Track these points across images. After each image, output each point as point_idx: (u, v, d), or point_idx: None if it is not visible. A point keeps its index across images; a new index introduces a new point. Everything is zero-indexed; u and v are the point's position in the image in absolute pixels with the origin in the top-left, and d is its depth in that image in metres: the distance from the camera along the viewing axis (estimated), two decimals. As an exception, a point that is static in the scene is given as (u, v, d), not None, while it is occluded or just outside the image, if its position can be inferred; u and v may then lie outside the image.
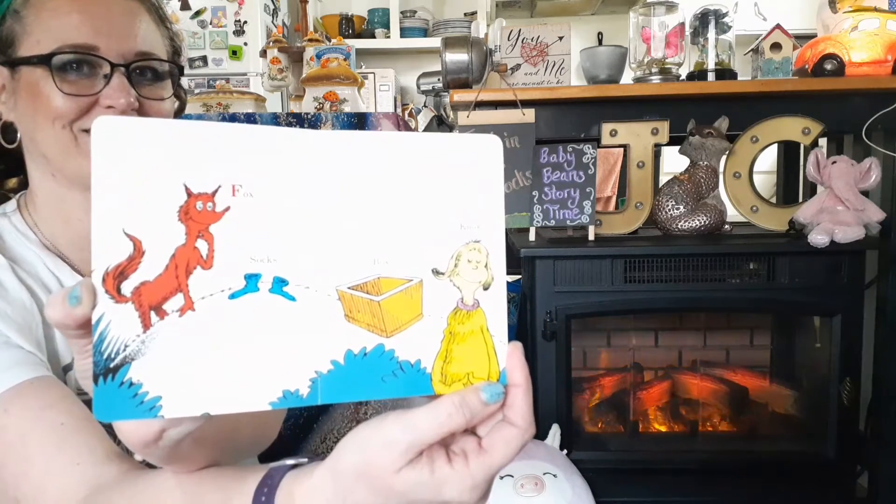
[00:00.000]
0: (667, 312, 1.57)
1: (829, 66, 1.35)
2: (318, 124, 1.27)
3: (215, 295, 0.35)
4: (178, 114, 0.84)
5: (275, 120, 1.26)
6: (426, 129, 3.50)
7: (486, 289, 0.39)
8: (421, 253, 0.38)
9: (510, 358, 0.41)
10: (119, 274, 0.34)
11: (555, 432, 1.27)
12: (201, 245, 0.35)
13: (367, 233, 0.37)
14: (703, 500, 1.35)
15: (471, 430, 0.41)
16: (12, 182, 0.77)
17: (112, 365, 0.33)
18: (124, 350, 0.34)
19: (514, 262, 1.21)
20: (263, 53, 1.92)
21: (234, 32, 3.10)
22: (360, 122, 1.27)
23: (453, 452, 0.39)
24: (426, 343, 0.38)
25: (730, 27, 1.48)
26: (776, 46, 1.44)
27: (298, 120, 1.26)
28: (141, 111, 0.69)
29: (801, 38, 1.46)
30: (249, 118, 1.26)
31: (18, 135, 0.70)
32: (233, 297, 0.35)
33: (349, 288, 0.37)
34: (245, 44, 3.10)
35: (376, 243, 0.37)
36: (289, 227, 0.36)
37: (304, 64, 1.71)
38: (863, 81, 1.33)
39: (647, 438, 1.54)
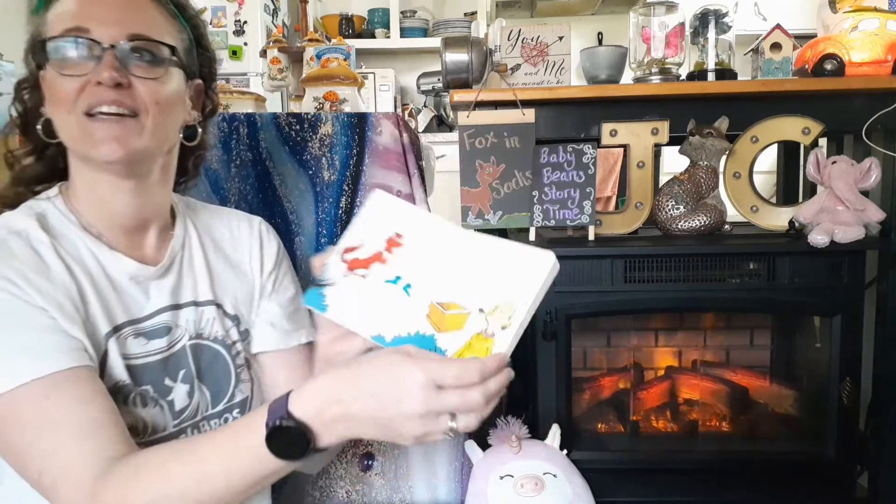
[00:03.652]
0: (667, 312, 1.57)
1: (829, 66, 1.35)
2: (317, 124, 1.27)
3: (379, 277, 0.68)
4: (210, 116, 0.88)
5: (275, 120, 1.26)
6: (426, 130, 3.51)
7: (503, 329, 0.61)
8: (478, 298, 0.63)
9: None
10: (348, 250, 0.72)
11: (555, 432, 1.27)
12: (386, 255, 0.69)
13: (452, 278, 0.65)
14: (703, 500, 1.35)
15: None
16: (40, 188, 0.82)
17: (322, 281, 0.70)
18: (332, 278, 0.70)
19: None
20: (263, 53, 1.92)
21: (234, 32, 3.10)
22: (360, 121, 1.27)
23: None
24: (455, 343, 0.63)
25: (730, 27, 1.48)
26: (776, 46, 1.44)
27: (298, 120, 1.26)
28: (132, 89, 0.71)
29: (801, 38, 1.46)
30: (249, 118, 1.26)
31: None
32: (386, 282, 0.68)
33: (436, 302, 0.65)
34: (245, 44, 3.09)
35: (456, 285, 0.65)
36: (418, 262, 0.68)
37: (304, 64, 1.71)
38: (863, 81, 1.33)
39: (647, 438, 1.54)
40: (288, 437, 0.60)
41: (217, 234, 0.90)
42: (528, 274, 0.62)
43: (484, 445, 1.26)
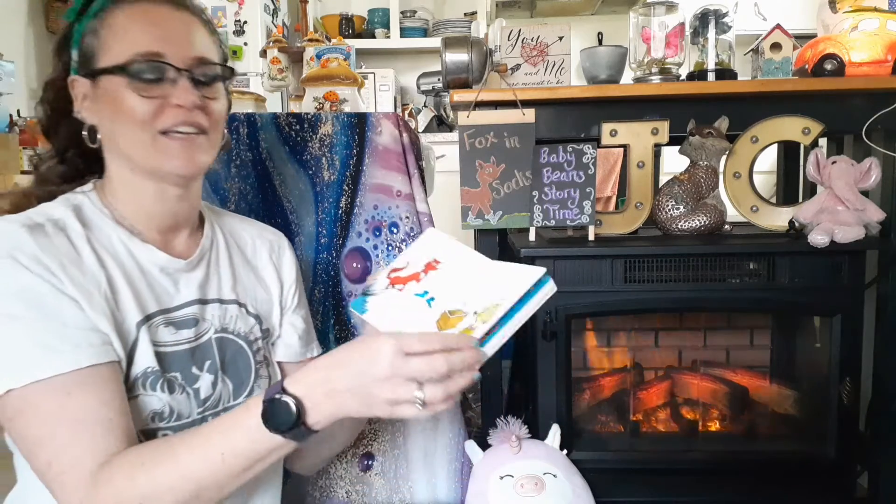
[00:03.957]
0: (667, 312, 1.57)
1: (829, 66, 1.35)
2: (317, 124, 1.27)
3: (412, 291, 0.82)
4: (226, 111, 0.92)
5: (275, 120, 1.26)
6: (426, 130, 3.51)
7: (483, 322, 0.71)
8: (475, 304, 0.74)
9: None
10: (394, 270, 0.87)
11: (555, 432, 1.27)
12: (422, 275, 0.83)
13: (464, 292, 0.77)
14: (703, 500, 1.35)
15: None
16: (66, 186, 0.85)
17: (369, 291, 0.86)
18: (376, 290, 0.85)
19: (514, 262, 1.21)
20: (263, 53, 1.92)
21: (234, 32, 3.10)
22: (360, 121, 1.27)
23: None
24: None
25: (730, 27, 1.48)
26: (776, 46, 1.44)
27: (298, 120, 1.26)
28: (204, 109, 0.78)
29: (801, 38, 1.46)
30: (249, 118, 1.26)
31: (99, 136, 0.79)
32: (415, 295, 0.81)
33: (447, 311, 0.75)
34: (245, 44, 3.10)
35: (464, 296, 0.76)
36: (445, 282, 0.81)
37: (304, 64, 1.71)
38: (863, 81, 1.33)
39: (647, 438, 1.54)
40: (281, 410, 0.67)
41: (240, 239, 0.95)
42: (517, 282, 0.74)
43: (484, 445, 1.26)
